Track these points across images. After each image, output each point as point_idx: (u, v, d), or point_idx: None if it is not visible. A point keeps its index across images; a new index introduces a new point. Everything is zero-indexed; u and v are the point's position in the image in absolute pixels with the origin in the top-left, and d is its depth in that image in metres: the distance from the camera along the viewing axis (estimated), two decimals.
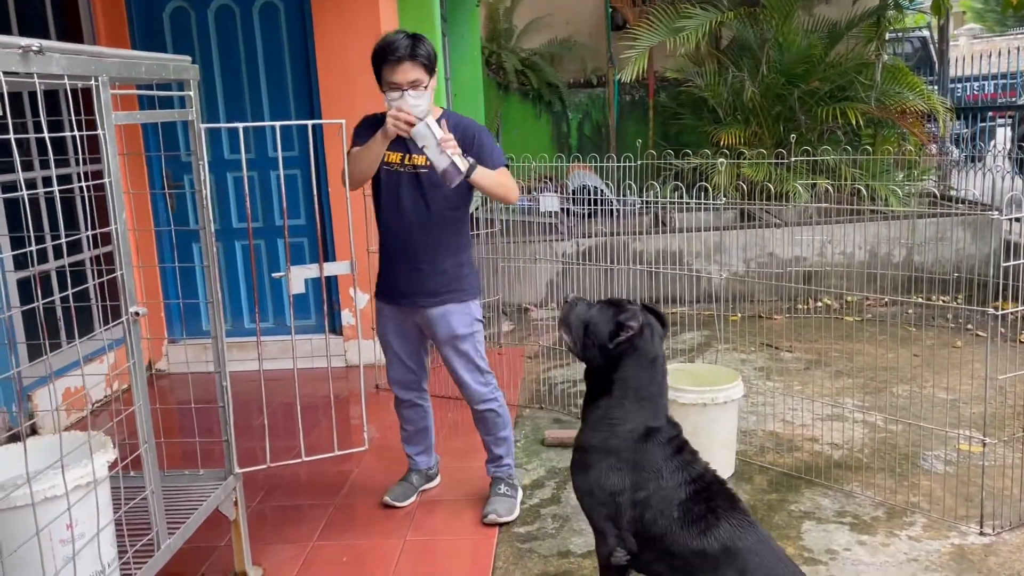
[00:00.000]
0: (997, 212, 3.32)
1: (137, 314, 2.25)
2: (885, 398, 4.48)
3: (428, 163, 3.02)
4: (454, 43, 7.63)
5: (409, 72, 2.98)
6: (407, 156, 3.12)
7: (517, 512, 3.37)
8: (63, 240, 2.08)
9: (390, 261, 3.24)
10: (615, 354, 2.37)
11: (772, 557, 2.22)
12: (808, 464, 3.71)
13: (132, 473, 2.58)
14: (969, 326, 5.63)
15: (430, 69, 3.05)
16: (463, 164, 2.90)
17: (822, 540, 3.10)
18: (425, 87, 3.03)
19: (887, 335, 5.49)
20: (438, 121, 3.13)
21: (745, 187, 4.40)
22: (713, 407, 3.52)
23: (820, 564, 2.95)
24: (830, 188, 4.23)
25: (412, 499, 3.48)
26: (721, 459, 3.61)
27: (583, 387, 4.94)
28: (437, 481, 3.66)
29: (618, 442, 2.36)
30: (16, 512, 1.88)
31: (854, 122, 7.24)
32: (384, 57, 3.00)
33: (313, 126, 3.46)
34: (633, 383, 2.38)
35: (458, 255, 3.23)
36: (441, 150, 2.86)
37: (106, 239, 2.46)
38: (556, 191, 7.08)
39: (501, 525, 3.28)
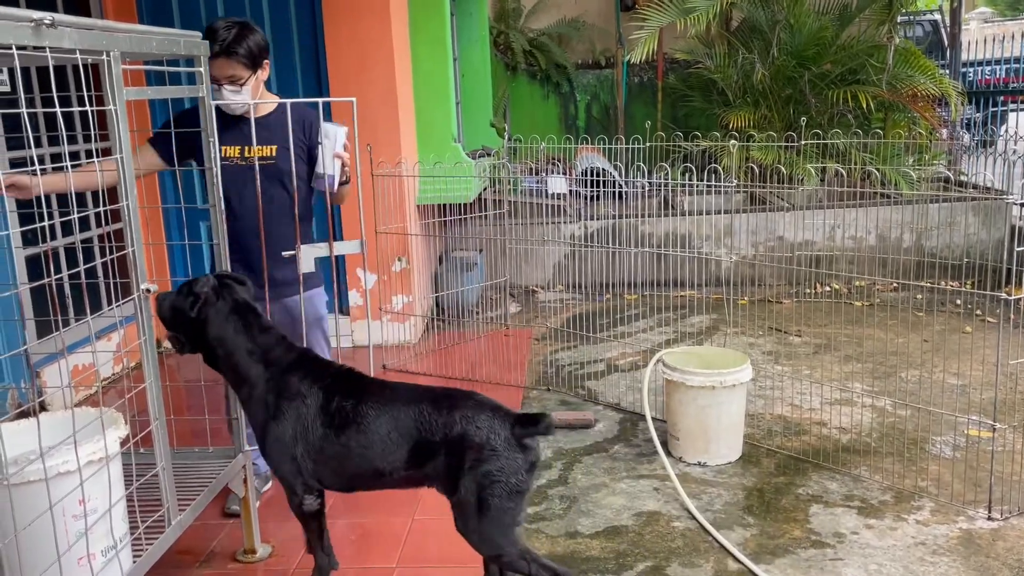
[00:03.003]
0: (1013, 197, 3.30)
1: (148, 291, 2.25)
2: (894, 383, 4.47)
3: (273, 154, 3.07)
4: (462, 23, 7.56)
5: (225, 68, 2.91)
6: (246, 148, 3.03)
7: None
8: (74, 216, 2.07)
9: (248, 255, 3.11)
10: (200, 320, 2.47)
11: (412, 405, 2.35)
12: (816, 448, 3.71)
13: (142, 450, 2.59)
14: (978, 312, 5.60)
15: (251, 64, 2.94)
16: (337, 181, 3.09)
17: (830, 523, 3.10)
18: (243, 83, 2.94)
19: (896, 320, 5.47)
20: (276, 111, 3.12)
21: (757, 170, 4.36)
22: (722, 390, 3.52)
23: (828, 547, 2.95)
24: (842, 171, 4.20)
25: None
26: (729, 442, 3.62)
27: (591, 369, 4.95)
28: (271, 483, 3.51)
29: (260, 392, 2.45)
30: (30, 487, 1.89)
31: (865, 105, 7.17)
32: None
33: (320, 104, 3.46)
34: (228, 335, 2.48)
35: (312, 239, 3.27)
36: (334, 157, 3.03)
37: (114, 216, 2.45)
38: (564, 173, 7.05)
39: None
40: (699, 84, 8.67)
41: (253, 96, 3.00)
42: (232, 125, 3.05)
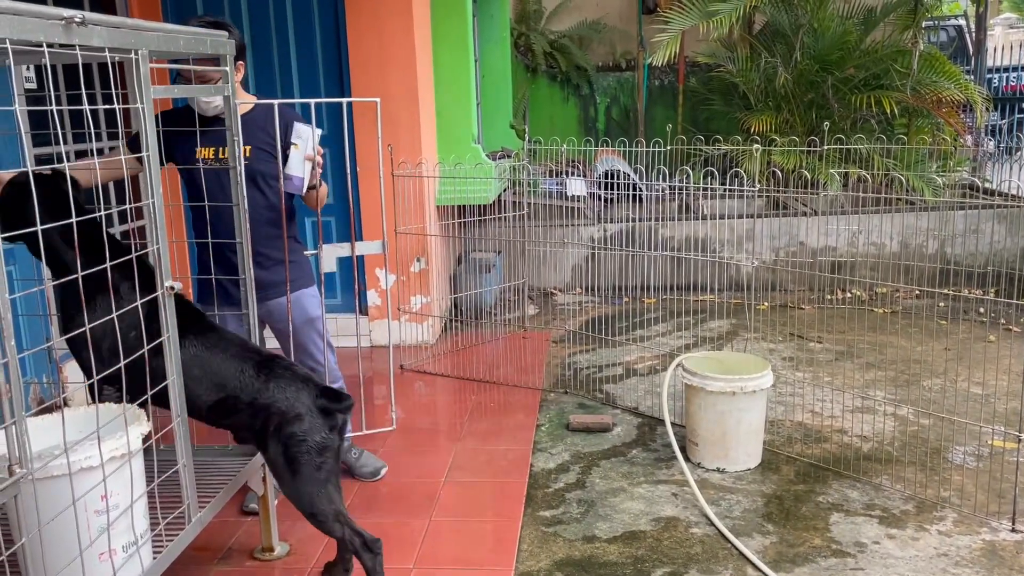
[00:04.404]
0: None
1: (172, 288, 2.26)
2: (916, 391, 4.42)
3: (247, 155, 2.99)
4: (483, 24, 7.57)
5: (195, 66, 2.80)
6: (220, 150, 2.98)
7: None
8: (101, 213, 2.08)
9: (228, 261, 2.99)
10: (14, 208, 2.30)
11: (235, 361, 2.46)
12: (836, 456, 3.68)
13: (163, 447, 2.60)
14: (1002, 321, 5.53)
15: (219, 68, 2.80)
16: (306, 184, 3.03)
17: (850, 532, 3.07)
18: (214, 84, 2.81)
19: (919, 328, 5.42)
20: (252, 112, 3.06)
21: (781, 174, 4.33)
22: (742, 396, 3.49)
23: (848, 556, 2.92)
24: (868, 176, 4.15)
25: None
26: (748, 448, 3.60)
27: (609, 372, 4.93)
28: None
29: (75, 283, 2.17)
30: (54, 482, 1.90)
31: (889, 111, 7.11)
32: None
33: (340, 104, 3.47)
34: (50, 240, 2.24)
35: (297, 241, 3.26)
36: (305, 159, 2.98)
37: (135, 213, 2.48)
38: (583, 175, 7.04)
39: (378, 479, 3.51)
40: (720, 87, 8.63)
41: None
42: (206, 126, 2.97)
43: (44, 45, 1.74)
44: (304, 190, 3.05)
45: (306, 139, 2.99)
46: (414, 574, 2.86)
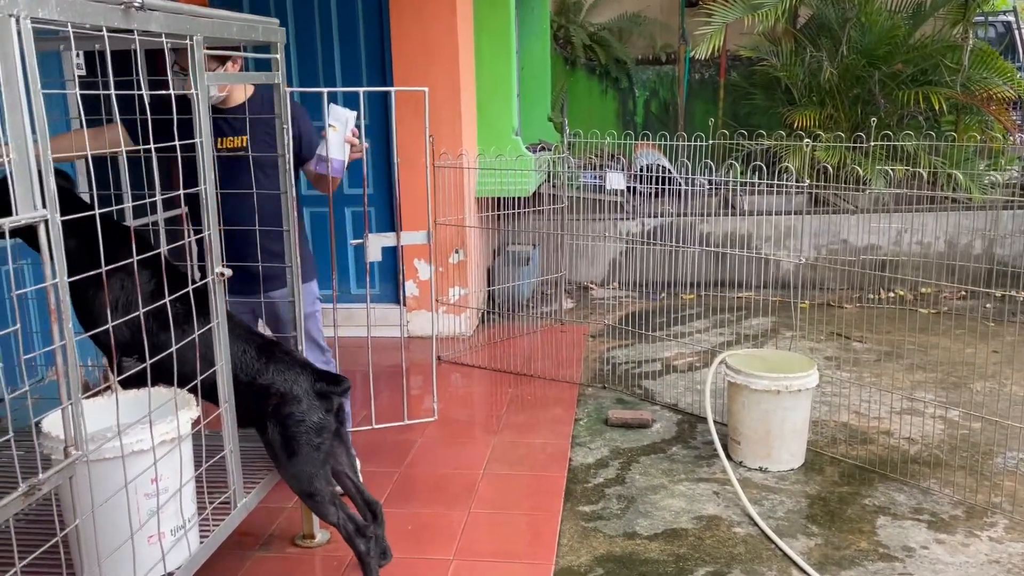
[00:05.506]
0: None
1: (223, 275, 2.27)
2: (963, 394, 4.32)
3: (244, 144, 2.89)
4: (523, 16, 7.53)
5: (187, 56, 2.55)
6: (221, 140, 2.90)
7: None
8: (158, 198, 2.09)
9: (231, 251, 2.84)
10: None
11: (238, 342, 2.44)
12: (882, 458, 3.60)
13: (207, 432, 2.62)
14: None
15: (216, 56, 2.73)
16: (345, 166, 3.03)
17: (898, 537, 3.01)
18: (211, 70, 2.66)
19: (966, 330, 5.29)
20: (248, 100, 2.99)
21: (831, 170, 4.25)
22: (787, 395, 3.43)
23: (896, 561, 2.85)
24: (922, 173, 4.05)
25: None
26: (792, 448, 3.54)
27: (647, 368, 4.88)
28: None
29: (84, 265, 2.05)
30: (105, 464, 1.91)
31: (937, 107, 6.94)
32: None
33: (383, 94, 3.45)
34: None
35: (300, 234, 3.10)
36: (344, 141, 2.97)
37: (177, 201, 2.49)
38: (623, 169, 6.97)
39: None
40: (763, 82, 8.50)
41: (220, 89, 2.89)
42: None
43: (104, 29, 1.74)
44: (343, 172, 3.05)
45: (344, 122, 3.00)
46: (454, 566, 2.85)
